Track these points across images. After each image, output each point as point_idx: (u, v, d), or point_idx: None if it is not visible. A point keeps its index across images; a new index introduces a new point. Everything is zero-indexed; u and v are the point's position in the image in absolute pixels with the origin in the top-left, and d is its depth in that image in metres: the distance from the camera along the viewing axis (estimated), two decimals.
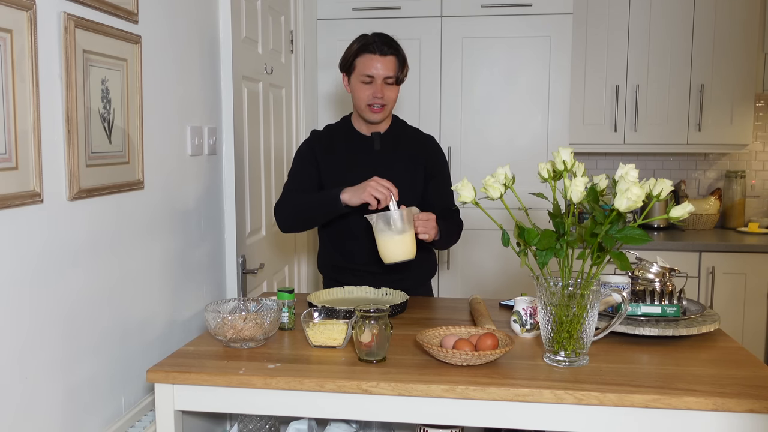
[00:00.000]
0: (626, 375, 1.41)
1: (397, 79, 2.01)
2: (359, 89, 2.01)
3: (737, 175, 3.69)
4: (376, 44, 1.98)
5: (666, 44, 3.41)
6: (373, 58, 1.97)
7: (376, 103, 2.00)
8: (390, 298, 1.99)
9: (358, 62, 2.00)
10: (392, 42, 2.01)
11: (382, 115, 2.04)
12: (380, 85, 1.99)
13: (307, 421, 1.75)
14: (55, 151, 1.33)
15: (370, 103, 2.00)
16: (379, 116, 2.03)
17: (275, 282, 2.71)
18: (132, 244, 1.63)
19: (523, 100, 3.19)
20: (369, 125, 2.09)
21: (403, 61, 2.02)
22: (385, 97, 2.00)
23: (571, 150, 1.46)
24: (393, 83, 2.01)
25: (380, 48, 1.97)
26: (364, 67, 1.98)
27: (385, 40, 2.00)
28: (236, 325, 1.56)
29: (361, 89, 2.00)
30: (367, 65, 1.98)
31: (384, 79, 1.98)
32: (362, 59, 1.99)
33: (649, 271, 1.76)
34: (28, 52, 1.23)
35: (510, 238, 1.49)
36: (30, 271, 1.27)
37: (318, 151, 2.10)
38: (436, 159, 2.15)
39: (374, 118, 2.03)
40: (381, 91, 1.99)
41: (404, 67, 2.03)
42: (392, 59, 1.99)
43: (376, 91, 1.98)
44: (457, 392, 1.36)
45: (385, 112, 2.04)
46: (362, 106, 2.02)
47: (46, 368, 1.32)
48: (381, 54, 1.97)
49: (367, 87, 1.99)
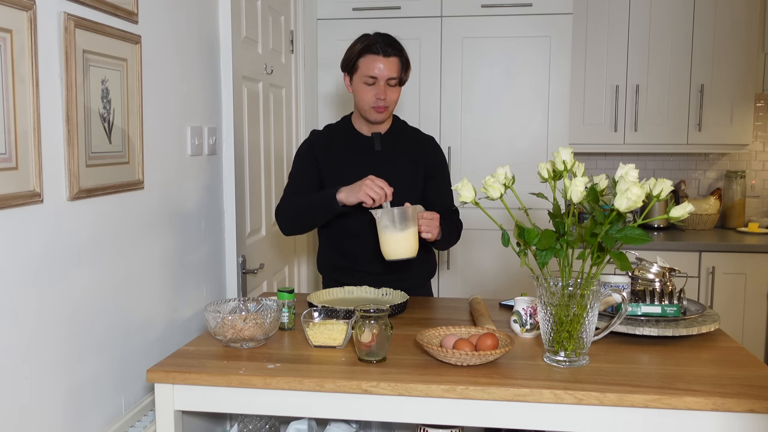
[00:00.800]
0: (626, 375, 1.41)
1: (400, 80, 2.00)
2: (362, 90, 2.00)
3: (737, 175, 3.69)
4: (380, 45, 1.97)
5: (666, 44, 3.41)
6: (376, 59, 1.96)
7: (379, 105, 1.99)
8: (390, 298, 1.99)
9: (361, 63, 1.98)
10: (395, 43, 2.00)
11: (385, 115, 2.03)
12: (383, 87, 1.98)
13: (307, 421, 1.75)
14: (55, 151, 1.33)
15: (373, 105, 1.99)
16: (382, 116, 2.03)
17: (275, 282, 2.71)
18: (132, 244, 1.63)
19: (523, 100, 3.19)
20: (369, 125, 2.09)
21: (406, 62, 2.02)
22: (388, 98, 2.00)
23: (571, 150, 1.46)
24: (396, 84, 2.00)
25: (383, 49, 1.96)
26: (367, 68, 1.97)
27: (389, 41, 1.99)
28: (236, 325, 1.56)
29: (364, 90, 1.99)
30: (370, 66, 1.97)
31: (387, 81, 1.98)
32: (365, 60, 1.97)
33: (649, 271, 1.76)
34: (28, 52, 1.23)
35: (510, 238, 1.49)
36: (30, 272, 1.27)
37: (318, 151, 2.09)
38: (436, 159, 2.15)
39: (377, 118, 2.03)
40: (384, 93, 1.98)
41: (407, 69, 2.02)
42: (395, 60, 1.98)
43: (378, 93, 1.97)
44: (457, 392, 1.36)
45: (388, 112, 2.04)
46: (365, 108, 2.02)
47: (46, 368, 1.32)
48: (384, 55, 1.96)
49: (370, 88, 1.99)
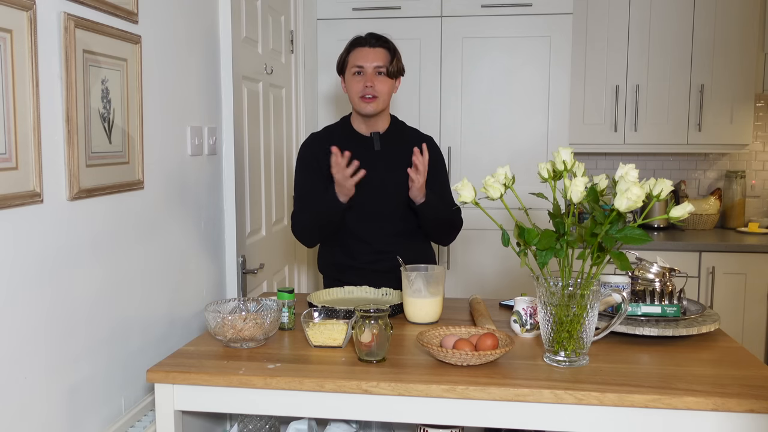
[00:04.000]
0: (626, 375, 1.41)
1: (387, 70, 2.04)
2: (351, 82, 2.06)
3: (737, 175, 3.69)
4: (365, 38, 2.06)
5: (666, 44, 3.41)
6: (362, 50, 2.05)
7: (367, 93, 2.02)
8: (390, 298, 1.99)
9: (350, 57, 2.07)
10: (382, 37, 2.08)
11: (374, 106, 2.05)
12: (371, 75, 2.03)
13: (307, 421, 1.75)
14: (55, 151, 1.33)
15: (362, 94, 2.03)
16: (371, 107, 2.04)
17: (275, 282, 2.71)
18: (132, 244, 1.63)
19: (523, 100, 3.19)
20: (368, 125, 2.10)
21: (394, 52, 2.07)
22: (377, 87, 2.03)
23: (571, 150, 1.46)
24: (384, 74, 2.04)
25: (369, 41, 2.05)
26: (354, 59, 2.05)
27: (375, 35, 2.07)
28: (236, 325, 1.56)
29: (353, 81, 2.05)
30: (357, 57, 2.05)
31: (374, 69, 2.02)
32: (353, 53, 2.06)
33: (649, 271, 1.76)
34: (28, 52, 1.23)
35: (510, 238, 1.49)
36: (30, 272, 1.27)
37: (319, 152, 2.10)
38: (435, 159, 2.16)
39: (366, 109, 2.05)
40: (371, 80, 2.02)
41: (395, 59, 2.07)
42: (382, 50, 2.05)
43: (366, 81, 2.02)
44: (457, 392, 1.36)
45: (378, 104, 2.05)
46: (355, 99, 2.06)
47: (46, 368, 1.32)
48: (370, 46, 2.05)
49: (358, 78, 2.04)
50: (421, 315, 1.81)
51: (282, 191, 2.82)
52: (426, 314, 1.81)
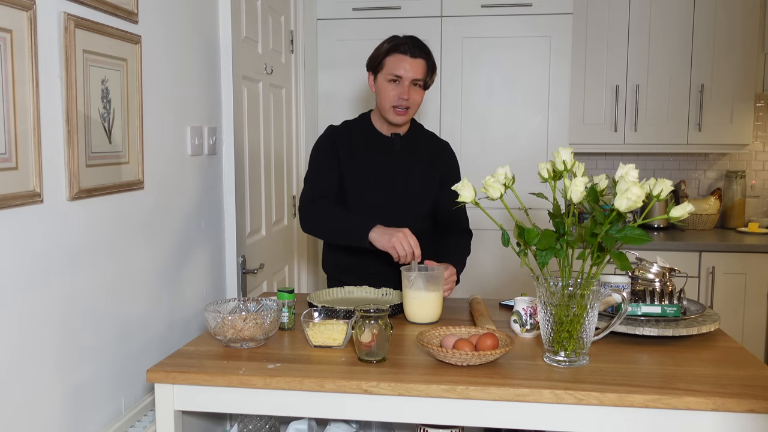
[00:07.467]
0: (626, 375, 1.41)
1: (424, 83, 2.02)
2: (385, 88, 2.01)
3: (737, 175, 3.68)
4: (408, 45, 1.98)
5: (666, 44, 3.41)
6: (403, 58, 1.98)
7: (401, 105, 2.00)
8: (390, 298, 1.99)
9: (387, 61, 2.00)
10: (424, 46, 2.02)
11: (405, 117, 2.04)
12: (407, 86, 1.98)
13: (307, 421, 1.75)
14: (55, 151, 1.33)
15: (395, 104, 2.00)
16: (402, 119, 2.04)
17: (275, 282, 2.71)
18: (132, 244, 1.63)
19: (523, 100, 3.19)
20: (389, 126, 2.09)
21: (433, 66, 2.03)
22: (411, 99, 2.00)
23: (571, 150, 1.46)
24: (420, 86, 2.01)
25: (411, 50, 1.98)
26: (392, 66, 1.98)
27: (417, 44, 2.01)
28: (236, 325, 1.56)
29: (388, 89, 2.00)
30: (396, 65, 1.98)
31: (411, 81, 1.99)
32: (392, 59, 1.99)
33: (649, 271, 1.76)
34: (28, 52, 1.23)
35: (510, 238, 1.49)
36: (30, 271, 1.27)
37: (339, 145, 2.09)
38: (451, 165, 2.17)
39: (397, 120, 2.03)
40: (407, 93, 1.98)
41: (432, 73, 2.03)
42: (422, 62, 1.99)
43: (402, 92, 1.98)
44: (457, 392, 1.36)
45: (409, 115, 2.04)
46: (386, 107, 2.02)
47: (46, 368, 1.32)
48: (411, 56, 1.98)
49: (393, 86, 1.99)
50: (421, 315, 1.81)
51: (282, 191, 2.82)
52: (426, 314, 1.81)
